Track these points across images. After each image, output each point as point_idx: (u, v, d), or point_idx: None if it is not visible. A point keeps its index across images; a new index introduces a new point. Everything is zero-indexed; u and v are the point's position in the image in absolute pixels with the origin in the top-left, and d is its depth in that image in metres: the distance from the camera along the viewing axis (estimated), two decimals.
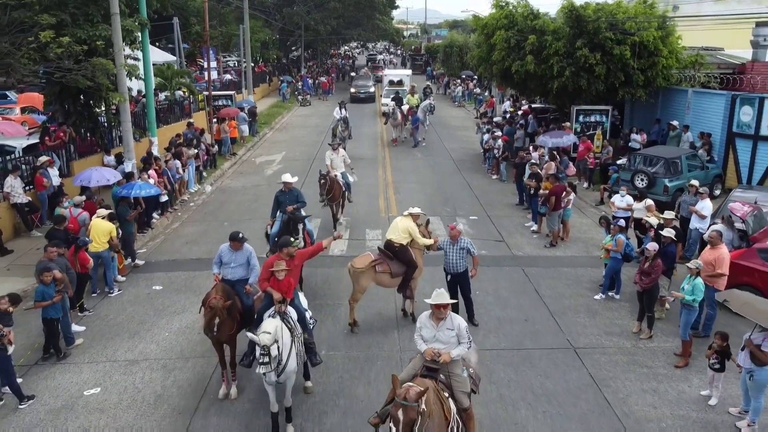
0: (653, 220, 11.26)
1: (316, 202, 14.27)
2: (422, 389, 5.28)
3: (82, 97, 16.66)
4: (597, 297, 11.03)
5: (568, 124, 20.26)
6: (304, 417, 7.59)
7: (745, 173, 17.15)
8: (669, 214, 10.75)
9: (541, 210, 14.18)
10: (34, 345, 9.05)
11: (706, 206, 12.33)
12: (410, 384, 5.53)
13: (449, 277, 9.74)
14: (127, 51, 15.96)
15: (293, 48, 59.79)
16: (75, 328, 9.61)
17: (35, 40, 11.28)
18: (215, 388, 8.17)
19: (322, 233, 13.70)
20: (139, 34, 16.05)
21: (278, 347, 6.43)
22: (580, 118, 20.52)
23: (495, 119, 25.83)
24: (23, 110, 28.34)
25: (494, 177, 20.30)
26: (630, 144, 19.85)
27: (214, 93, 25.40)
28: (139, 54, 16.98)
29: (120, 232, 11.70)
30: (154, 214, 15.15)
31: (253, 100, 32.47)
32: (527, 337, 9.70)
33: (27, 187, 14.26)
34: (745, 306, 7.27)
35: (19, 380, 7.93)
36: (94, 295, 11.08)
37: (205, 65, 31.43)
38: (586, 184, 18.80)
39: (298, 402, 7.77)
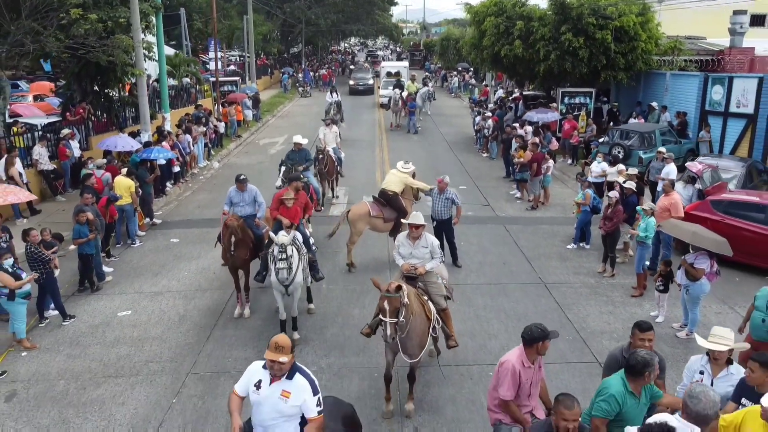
0: (630, 184, 12.54)
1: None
2: (400, 284, 6.52)
3: (98, 78, 17.96)
4: (569, 246, 12.32)
5: (554, 105, 21.54)
6: (308, 330, 8.87)
7: (716, 148, 18.42)
8: (632, 170, 12.04)
9: (516, 177, 15.49)
10: (72, 280, 10.34)
11: (671, 170, 13.58)
12: (393, 281, 6.79)
13: (435, 223, 11.04)
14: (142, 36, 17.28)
15: (294, 43, 61.05)
16: (104, 268, 10.89)
17: (66, 16, 12.51)
18: (231, 310, 9.46)
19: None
20: (153, 18, 17.32)
21: (292, 249, 7.68)
22: (566, 100, 21.81)
23: (489, 106, 27.14)
24: (35, 98, 29.69)
25: (484, 155, 21.58)
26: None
27: (220, 79, 26.69)
28: (152, 38, 18.28)
29: (140, 191, 12.98)
30: (168, 183, 16.45)
31: (256, 87, 33.70)
32: (504, 275, 10.99)
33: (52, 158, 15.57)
34: (677, 229, 8.57)
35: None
36: (117, 245, 12.36)
37: (208, 60, 32.92)
38: (570, 161, 20.07)
39: (303, 320, 9.04)
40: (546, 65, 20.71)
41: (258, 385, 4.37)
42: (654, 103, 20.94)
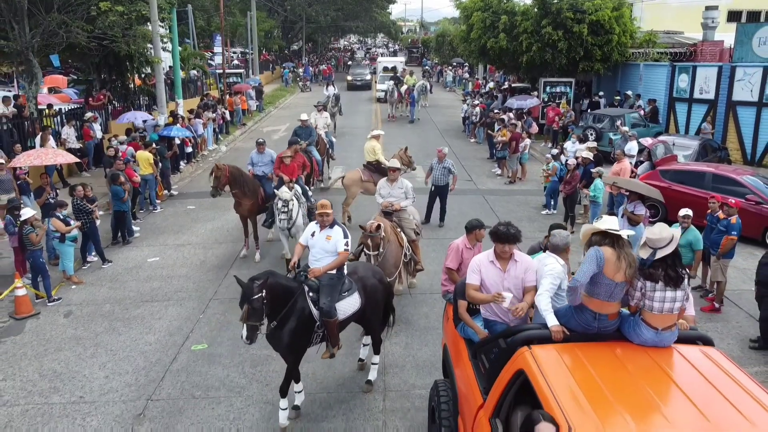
0: (587, 153, 14.24)
1: None
2: (379, 223, 8.20)
3: (116, 68, 19.70)
4: (543, 213, 14.00)
5: (535, 93, 23.23)
6: None
7: (682, 130, 20.10)
8: (591, 144, 13.75)
9: (498, 155, 17.20)
10: (105, 236, 12.02)
11: (633, 147, 15.30)
12: (372, 221, 8.47)
13: (433, 188, 12.78)
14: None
15: (294, 40, 62.78)
16: (132, 227, 12.59)
17: (95, 9, 14.22)
18: (245, 259, 11.16)
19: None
20: (168, 11, 19.06)
21: (292, 202, 9.40)
22: (547, 89, 23.50)
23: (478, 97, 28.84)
24: (50, 90, 31.39)
25: (472, 141, 23.28)
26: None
27: (226, 71, 28.41)
28: (163, 32, 20.01)
29: (159, 164, 14.68)
30: (182, 162, 18.16)
31: (260, 79, 35.39)
32: None
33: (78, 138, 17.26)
34: (631, 185, 10.29)
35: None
36: (141, 211, 14.05)
37: (211, 55, 34.75)
38: (550, 145, 21.74)
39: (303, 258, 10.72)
40: (528, 56, 22.38)
41: (312, 234, 6.50)
42: (629, 92, 22.64)
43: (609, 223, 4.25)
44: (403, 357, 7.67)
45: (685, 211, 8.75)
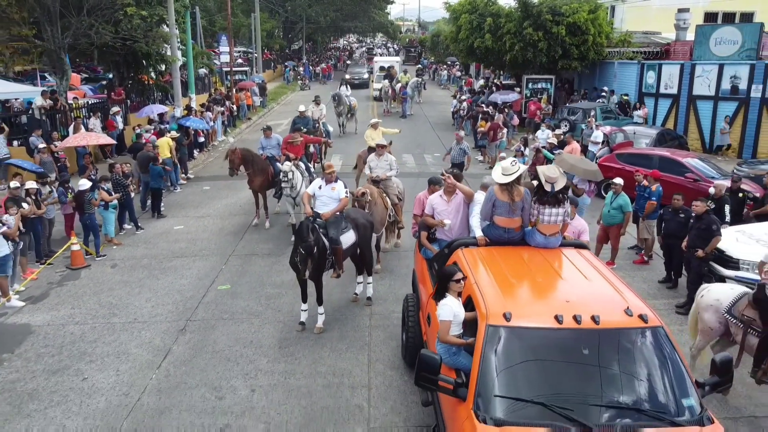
0: (554, 140, 16.22)
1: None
2: (365, 190, 10.11)
3: (134, 66, 21.64)
4: None
5: (518, 89, 25.23)
6: None
7: (650, 122, 22.05)
8: (558, 131, 15.71)
9: (480, 143, 19.16)
10: (140, 211, 14.00)
11: (598, 135, 17.28)
12: (360, 188, 10.41)
13: (451, 165, 14.71)
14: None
15: (295, 40, 64.73)
16: None
17: (122, 13, 16.19)
18: (256, 227, 13.13)
19: None
20: (183, 15, 21.04)
21: (293, 174, 11.32)
22: (530, 85, 25.48)
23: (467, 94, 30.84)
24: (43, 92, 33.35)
25: (461, 133, 25.22)
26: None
27: (233, 69, 30.38)
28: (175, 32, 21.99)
29: (178, 151, 16.64)
30: (195, 151, 20.12)
31: (263, 77, 37.35)
32: None
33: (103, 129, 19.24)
34: (563, 162, 12.22)
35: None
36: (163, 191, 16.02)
37: (215, 55, 36.69)
38: (531, 136, 23.68)
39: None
40: (512, 55, 24.36)
41: (320, 187, 8.69)
42: (605, 88, 24.61)
43: (498, 178, 6.13)
44: (387, 293, 9.62)
45: (616, 180, 10.69)
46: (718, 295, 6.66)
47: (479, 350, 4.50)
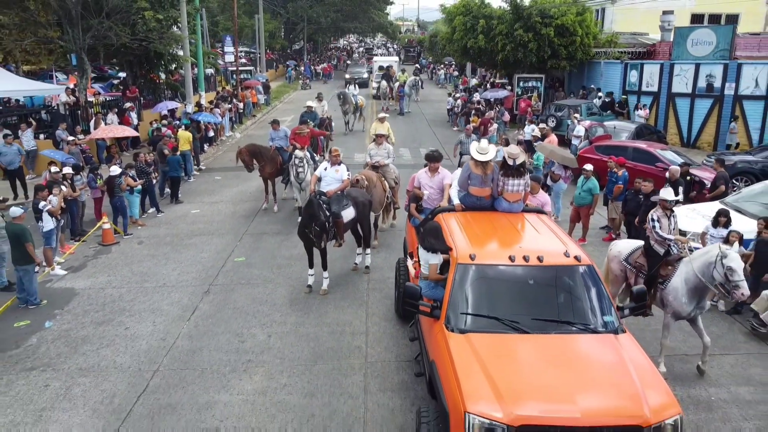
0: (537, 133, 17.59)
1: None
2: (359, 177, 11.43)
3: (146, 65, 23.03)
4: None
5: (509, 87, 26.60)
6: None
7: (633, 118, 23.41)
8: (543, 126, 17.08)
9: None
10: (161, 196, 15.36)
11: (581, 130, 18.65)
12: (356, 175, 11.74)
13: (461, 155, 16.04)
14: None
15: (296, 40, 66.07)
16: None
17: (141, 17, 17.55)
18: (266, 211, 14.48)
19: None
20: (194, 18, 22.42)
21: (305, 160, 12.68)
22: (521, 84, 26.85)
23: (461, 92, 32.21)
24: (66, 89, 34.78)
25: (455, 129, 26.60)
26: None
27: (238, 69, 31.76)
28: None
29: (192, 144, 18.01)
30: (205, 145, 21.49)
31: (267, 76, 38.73)
32: None
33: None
34: (544, 149, 13.61)
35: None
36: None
37: (221, 55, 38.16)
38: (517, 131, 25.04)
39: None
40: (503, 55, 25.71)
41: (325, 169, 10.34)
42: (592, 86, 25.97)
43: (474, 155, 7.48)
44: (383, 263, 10.97)
45: (587, 166, 12.05)
46: (620, 248, 8.30)
47: (450, 281, 5.87)
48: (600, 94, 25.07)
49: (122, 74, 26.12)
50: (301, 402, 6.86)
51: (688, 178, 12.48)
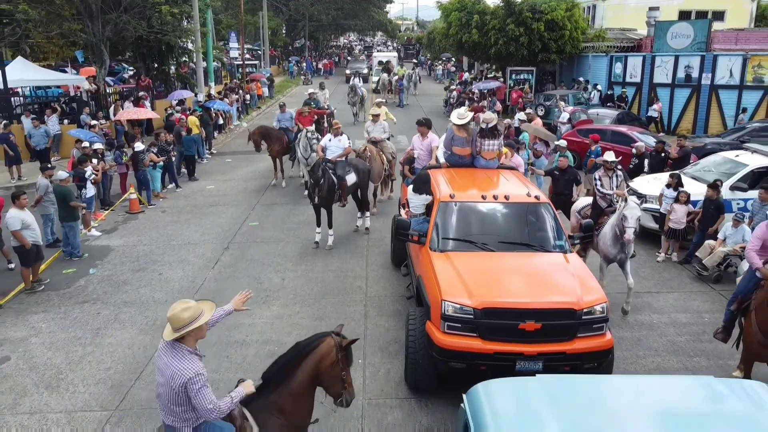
0: (524, 116, 18.98)
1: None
2: (364, 147, 12.86)
3: (158, 57, 24.43)
4: None
5: (501, 78, 28.01)
6: None
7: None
8: (529, 111, 18.49)
9: None
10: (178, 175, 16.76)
11: (565, 116, 20.05)
12: (362, 146, 13.16)
13: None
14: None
15: (298, 37, 67.48)
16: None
17: (158, 12, 18.94)
18: (275, 186, 15.88)
19: None
20: (206, 12, 23.82)
21: (314, 134, 14.05)
22: (513, 76, 28.25)
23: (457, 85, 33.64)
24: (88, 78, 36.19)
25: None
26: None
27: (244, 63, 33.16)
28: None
29: (203, 130, 19.40)
30: (215, 132, 22.88)
31: (271, 70, 40.15)
32: None
33: None
34: (528, 127, 15.02)
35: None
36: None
37: (226, 52, 39.77)
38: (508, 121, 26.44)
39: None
40: (496, 49, 27.10)
41: (329, 140, 11.69)
42: (581, 78, 27.37)
43: (455, 120, 8.89)
44: (381, 227, 12.36)
45: (560, 142, 13.45)
46: (578, 204, 10.19)
47: (434, 215, 7.28)
48: (588, 86, 26.47)
49: (131, 70, 27.50)
50: (312, 323, 8.25)
51: (663, 154, 13.85)
